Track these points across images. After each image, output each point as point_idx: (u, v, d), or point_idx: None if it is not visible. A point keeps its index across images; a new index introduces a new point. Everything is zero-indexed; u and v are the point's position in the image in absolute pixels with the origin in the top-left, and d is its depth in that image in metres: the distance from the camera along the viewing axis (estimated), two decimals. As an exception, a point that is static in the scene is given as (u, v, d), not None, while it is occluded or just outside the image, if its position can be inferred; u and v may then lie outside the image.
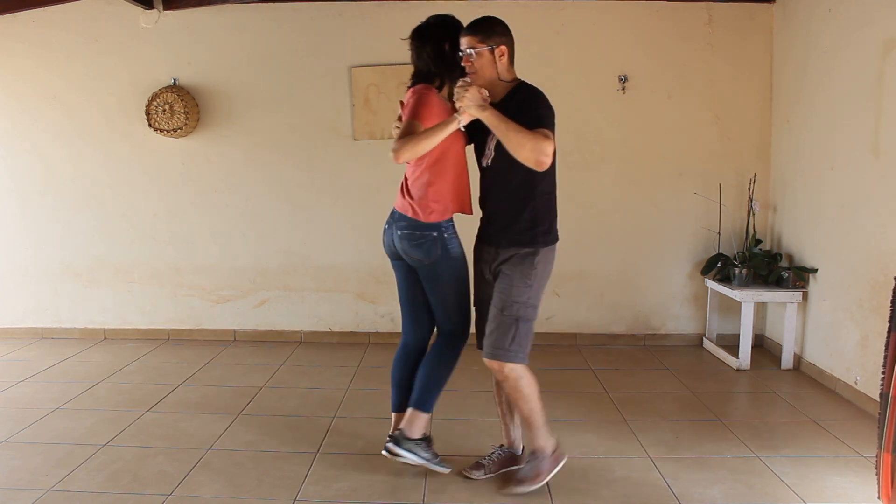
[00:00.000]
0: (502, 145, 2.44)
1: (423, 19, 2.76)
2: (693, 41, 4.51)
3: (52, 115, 4.80)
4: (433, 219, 2.62)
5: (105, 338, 4.95)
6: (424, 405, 2.72)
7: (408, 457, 2.69)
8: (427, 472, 2.78)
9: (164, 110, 4.55)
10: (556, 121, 4.61)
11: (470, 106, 2.42)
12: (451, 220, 2.70)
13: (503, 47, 2.52)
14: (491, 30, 2.51)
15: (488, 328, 2.59)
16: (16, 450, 3.04)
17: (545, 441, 2.67)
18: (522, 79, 2.61)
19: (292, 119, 4.70)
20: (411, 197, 2.65)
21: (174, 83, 4.67)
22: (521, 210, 2.57)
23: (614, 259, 4.70)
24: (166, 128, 4.58)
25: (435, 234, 2.63)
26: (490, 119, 2.41)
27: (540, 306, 2.63)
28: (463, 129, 2.52)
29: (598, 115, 4.60)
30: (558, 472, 2.68)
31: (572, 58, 4.56)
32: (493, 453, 2.83)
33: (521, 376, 2.58)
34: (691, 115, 4.56)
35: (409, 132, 2.46)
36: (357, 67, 4.59)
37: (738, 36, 4.50)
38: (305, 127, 4.70)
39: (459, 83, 2.49)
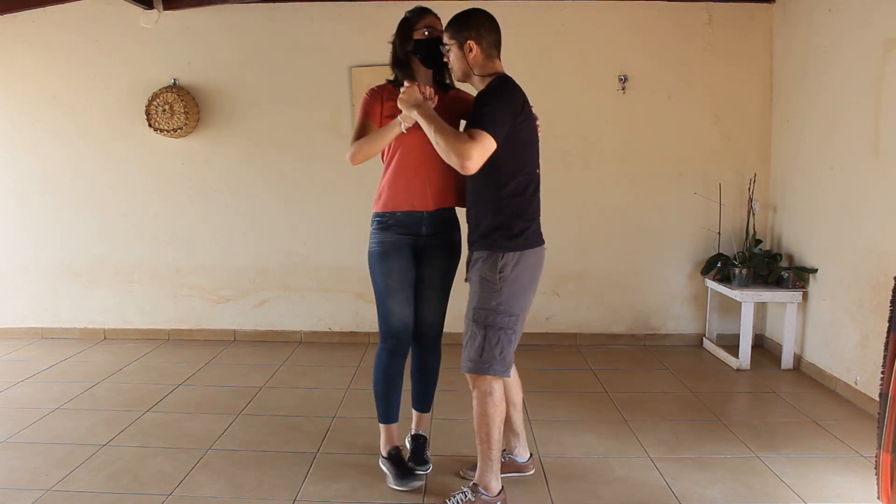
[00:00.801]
0: None
1: None
2: (693, 41, 4.51)
3: (52, 115, 4.80)
4: (375, 209, 2.69)
5: (105, 338, 4.95)
6: (378, 415, 2.78)
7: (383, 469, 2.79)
8: (427, 473, 2.79)
9: (164, 110, 4.55)
10: (557, 121, 4.60)
11: (403, 105, 2.40)
12: (381, 215, 2.65)
13: (471, 42, 2.39)
14: (460, 24, 2.43)
15: (464, 339, 2.45)
16: (16, 450, 3.04)
17: (494, 480, 2.46)
18: (508, 73, 2.46)
19: (292, 119, 4.70)
20: None
21: (174, 83, 4.67)
22: (484, 212, 2.42)
23: (614, 259, 4.70)
24: (166, 128, 4.58)
25: (371, 226, 2.72)
26: (419, 118, 2.36)
27: (523, 315, 2.45)
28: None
29: (598, 115, 4.60)
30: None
31: (572, 58, 4.55)
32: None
33: (489, 393, 2.39)
34: (691, 115, 4.56)
35: (362, 133, 2.53)
36: (357, 67, 4.59)
37: (738, 36, 4.50)
38: (305, 127, 4.70)
39: (405, 83, 2.46)
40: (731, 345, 4.34)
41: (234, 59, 4.68)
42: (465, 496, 2.46)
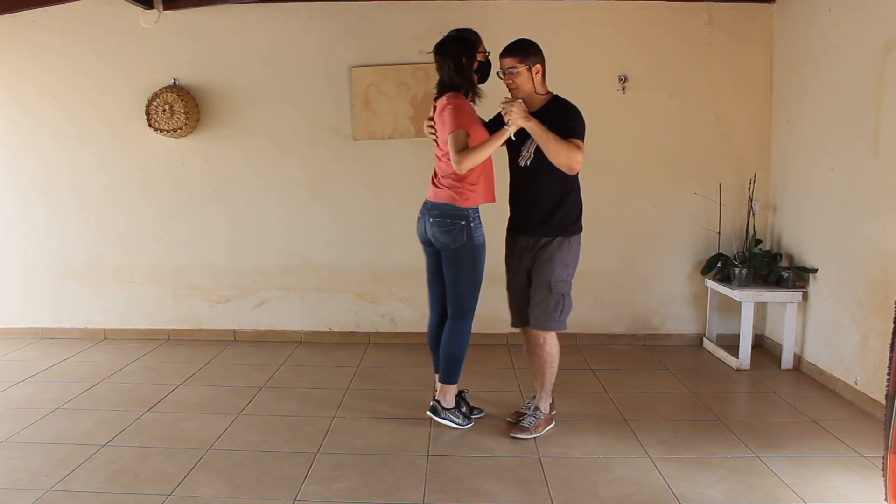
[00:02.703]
0: (540, 150, 2.90)
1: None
2: (693, 41, 4.51)
3: (52, 115, 4.79)
4: (468, 205, 3.03)
5: (105, 338, 4.95)
6: (450, 379, 3.24)
7: (445, 423, 3.24)
8: (427, 472, 2.80)
9: (164, 110, 4.55)
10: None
11: (517, 118, 2.87)
12: (478, 209, 3.09)
13: (538, 66, 3.00)
14: (528, 51, 2.98)
15: (538, 305, 3.05)
16: (16, 450, 3.04)
17: (546, 404, 3.21)
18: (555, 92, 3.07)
19: (292, 119, 4.70)
20: (448, 186, 3.05)
21: (174, 83, 4.67)
22: (556, 205, 3.01)
23: (614, 259, 4.70)
24: (166, 128, 4.58)
25: (463, 222, 3.03)
26: (534, 128, 2.87)
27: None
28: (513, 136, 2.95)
29: (598, 115, 4.56)
30: (549, 431, 3.19)
31: (572, 58, 4.55)
32: (528, 403, 3.36)
33: (555, 344, 3.14)
34: (691, 115, 4.56)
35: (462, 142, 2.91)
36: (357, 67, 4.59)
37: (737, 36, 4.49)
38: (305, 127, 4.70)
39: (503, 100, 2.93)
40: (731, 345, 4.34)
41: (234, 59, 4.68)
42: (534, 417, 3.17)
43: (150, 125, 4.60)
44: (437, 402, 3.26)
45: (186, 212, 4.83)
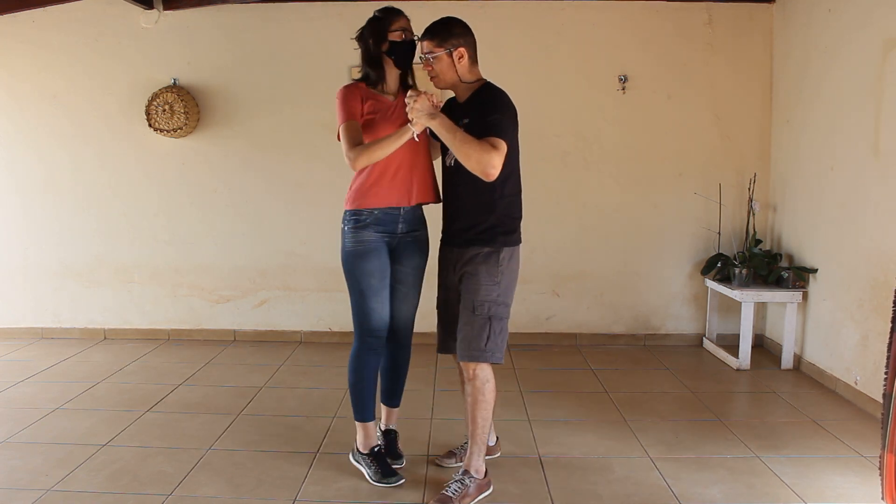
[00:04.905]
0: None
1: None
2: (693, 41, 4.51)
3: (52, 114, 4.79)
4: (346, 206, 2.68)
5: (105, 338, 4.95)
6: (354, 412, 2.75)
7: (356, 466, 2.79)
8: (427, 473, 2.80)
9: (164, 110, 4.55)
10: (557, 120, 4.59)
11: (419, 115, 2.41)
12: (358, 212, 2.64)
13: (461, 49, 2.49)
14: (448, 32, 2.50)
15: (462, 330, 2.55)
16: (16, 450, 3.04)
17: (480, 463, 2.60)
18: (488, 79, 2.59)
19: (292, 119, 4.70)
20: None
21: (174, 83, 4.67)
22: (485, 211, 2.53)
23: (614, 259, 4.70)
24: (166, 128, 4.58)
25: (343, 225, 2.70)
26: (439, 128, 2.41)
27: (512, 306, 2.61)
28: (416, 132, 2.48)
29: (598, 115, 4.60)
30: (483, 499, 2.57)
31: (572, 58, 4.55)
32: (465, 443, 2.81)
33: (488, 380, 2.56)
34: (691, 115, 4.56)
35: (353, 136, 2.51)
36: (357, 67, 4.56)
37: (737, 36, 4.50)
38: (305, 127, 4.70)
39: (409, 93, 2.48)
40: (731, 345, 4.34)
41: (235, 59, 4.68)
42: (462, 483, 2.55)
43: (150, 125, 4.60)
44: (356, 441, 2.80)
45: (186, 212, 4.83)
